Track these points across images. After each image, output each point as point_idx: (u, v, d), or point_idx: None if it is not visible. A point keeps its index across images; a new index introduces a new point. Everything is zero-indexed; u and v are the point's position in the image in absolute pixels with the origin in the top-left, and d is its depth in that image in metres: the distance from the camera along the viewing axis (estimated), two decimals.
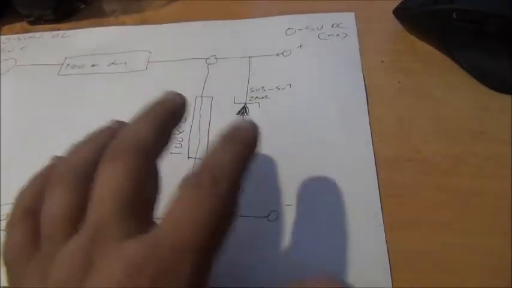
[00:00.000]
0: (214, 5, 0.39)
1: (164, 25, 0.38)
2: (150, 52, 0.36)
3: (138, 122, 0.19)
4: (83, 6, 0.42)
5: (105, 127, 0.21)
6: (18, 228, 0.19)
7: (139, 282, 0.14)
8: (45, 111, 0.33)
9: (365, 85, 0.30)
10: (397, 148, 0.27)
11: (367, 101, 0.29)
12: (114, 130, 0.20)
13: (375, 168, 0.26)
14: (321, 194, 0.25)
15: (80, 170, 0.18)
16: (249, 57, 0.34)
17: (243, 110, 0.30)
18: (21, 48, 0.39)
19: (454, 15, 0.28)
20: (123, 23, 0.39)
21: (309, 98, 0.30)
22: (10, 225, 0.19)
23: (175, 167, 0.28)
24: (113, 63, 0.36)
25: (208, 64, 0.34)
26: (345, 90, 0.30)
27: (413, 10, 0.32)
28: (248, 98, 0.31)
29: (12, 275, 0.18)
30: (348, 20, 0.35)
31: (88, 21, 0.41)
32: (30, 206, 0.19)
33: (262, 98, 0.31)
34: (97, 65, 0.36)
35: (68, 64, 0.36)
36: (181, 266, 0.14)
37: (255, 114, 0.30)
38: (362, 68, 0.31)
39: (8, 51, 0.39)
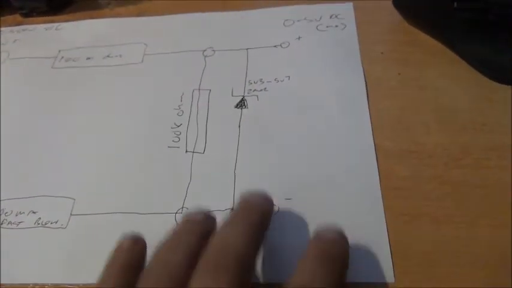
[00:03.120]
0: None
1: (160, 17, 0.37)
2: (146, 44, 0.35)
3: (233, 229, 0.19)
4: None
5: (188, 221, 0.20)
6: None
7: None
8: (39, 105, 0.32)
9: (365, 77, 0.30)
10: (398, 140, 0.26)
11: (367, 92, 0.29)
12: (200, 228, 0.20)
13: (375, 160, 0.25)
14: (320, 187, 0.25)
15: (180, 272, 0.18)
16: (247, 49, 0.33)
17: (242, 103, 0.30)
18: (14, 41, 0.38)
19: (454, 4, 0.28)
20: (119, 15, 0.39)
21: (308, 91, 0.30)
22: None
23: (173, 161, 0.27)
24: (108, 56, 0.35)
25: (206, 56, 0.33)
26: (344, 82, 0.30)
27: (413, 0, 0.31)
28: (246, 91, 0.30)
29: None
30: (346, 10, 0.35)
31: (82, 13, 0.40)
32: None
33: (261, 90, 0.30)
34: (92, 58, 0.35)
35: (63, 57, 0.36)
36: None
37: (253, 107, 0.29)
38: (361, 59, 0.31)
39: (1, 44, 0.38)
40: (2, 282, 0.23)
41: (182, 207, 0.25)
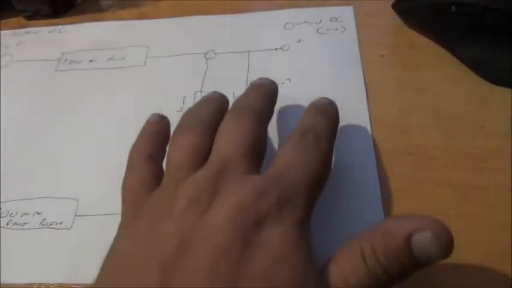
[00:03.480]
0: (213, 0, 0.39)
1: (162, 20, 0.38)
2: (149, 47, 0.36)
3: (254, 93, 0.24)
4: (79, 0, 0.42)
5: (205, 97, 0.25)
6: (140, 168, 0.22)
7: (266, 204, 0.17)
8: (42, 107, 0.33)
9: (364, 79, 0.30)
10: (397, 142, 0.27)
11: (366, 95, 0.29)
12: (219, 100, 0.24)
13: (375, 162, 0.26)
14: None
15: (208, 120, 0.22)
16: (248, 51, 0.34)
17: None
18: (18, 44, 0.38)
19: (452, 8, 0.28)
20: (120, 18, 0.39)
21: (309, 93, 0.30)
22: (132, 167, 0.22)
23: None
24: (111, 59, 0.35)
25: (207, 59, 0.34)
26: (344, 85, 0.30)
27: (412, 3, 0.32)
28: None
29: (130, 205, 0.20)
30: (346, 14, 0.35)
31: (85, 15, 0.40)
32: (151, 152, 0.22)
33: None
34: (95, 61, 0.35)
35: (66, 59, 0.36)
36: (299, 196, 0.18)
37: None
38: (361, 62, 0.31)
39: (4, 46, 0.38)
40: (7, 282, 0.24)
41: None
